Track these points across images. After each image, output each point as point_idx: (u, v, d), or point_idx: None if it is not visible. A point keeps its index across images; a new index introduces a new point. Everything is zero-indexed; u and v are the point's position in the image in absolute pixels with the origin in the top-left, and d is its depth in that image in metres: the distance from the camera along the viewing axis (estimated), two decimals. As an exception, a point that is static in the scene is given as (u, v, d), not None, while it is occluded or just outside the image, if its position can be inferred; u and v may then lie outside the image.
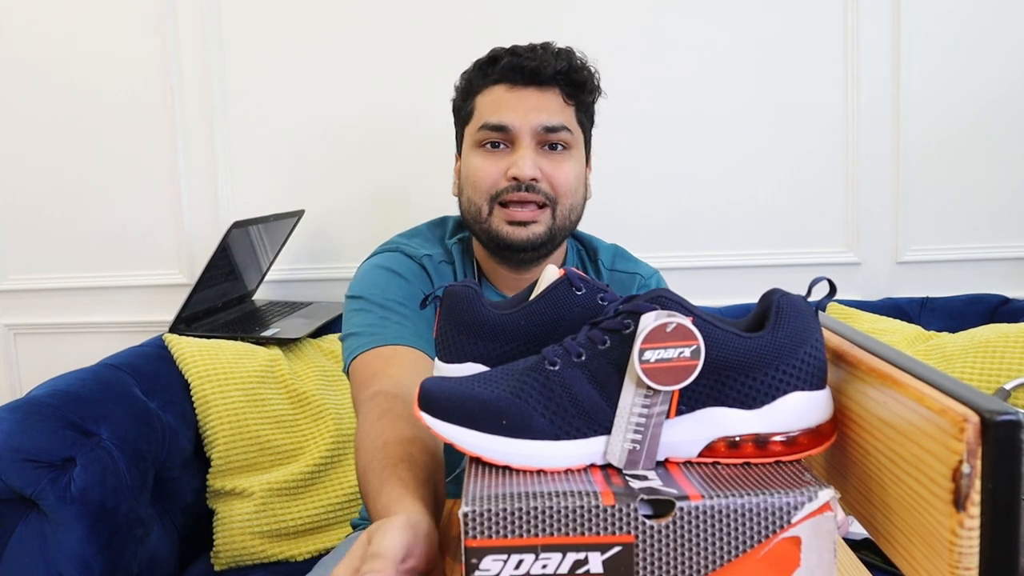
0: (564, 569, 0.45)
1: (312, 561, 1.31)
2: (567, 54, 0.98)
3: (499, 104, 0.96)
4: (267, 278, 1.85)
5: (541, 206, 0.96)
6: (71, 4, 1.81)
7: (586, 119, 1.03)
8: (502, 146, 0.97)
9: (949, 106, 1.72)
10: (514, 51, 0.97)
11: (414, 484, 0.59)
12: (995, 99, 1.72)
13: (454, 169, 1.07)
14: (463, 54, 1.08)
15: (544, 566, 0.45)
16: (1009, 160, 1.73)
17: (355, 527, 1.15)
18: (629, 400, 0.49)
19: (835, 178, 1.75)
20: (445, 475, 0.75)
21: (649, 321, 0.48)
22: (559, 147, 0.97)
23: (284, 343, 1.53)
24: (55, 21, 1.82)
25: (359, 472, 0.67)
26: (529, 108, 0.95)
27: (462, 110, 1.03)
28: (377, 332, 0.89)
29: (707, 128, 1.76)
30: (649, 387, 0.48)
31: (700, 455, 0.51)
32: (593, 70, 1.01)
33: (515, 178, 0.94)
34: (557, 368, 0.51)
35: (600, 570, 0.45)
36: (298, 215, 1.79)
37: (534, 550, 0.45)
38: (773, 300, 0.51)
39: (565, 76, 0.97)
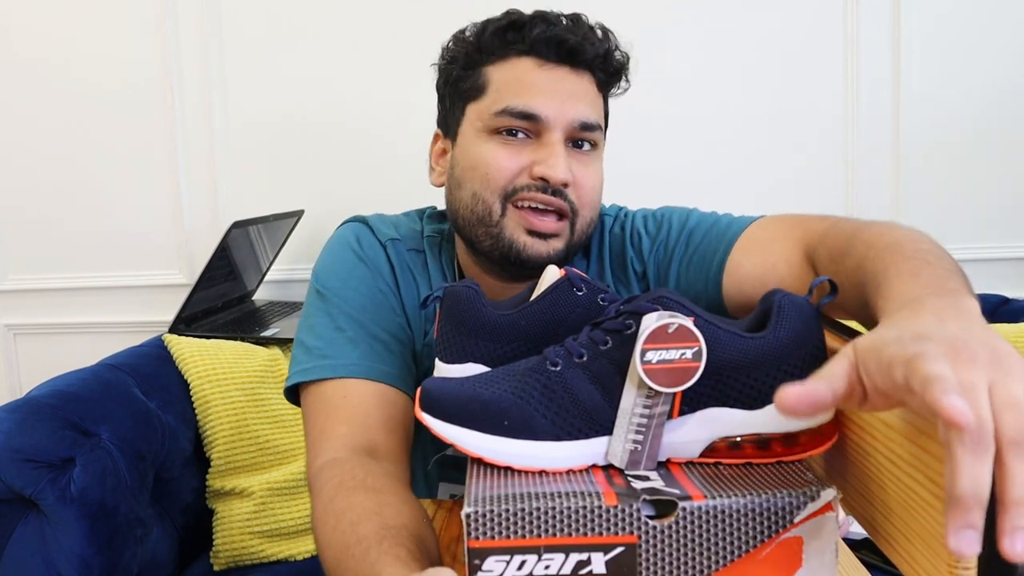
0: (567, 570, 0.45)
1: (312, 561, 1.31)
2: (606, 33, 0.81)
3: (527, 85, 0.77)
4: (267, 278, 1.84)
5: (560, 217, 0.78)
6: (71, 4, 1.81)
7: (606, 115, 0.87)
8: (521, 135, 0.77)
9: (949, 106, 1.72)
10: (546, 18, 0.78)
11: (409, 559, 0.54)
12: (995, 99, 1.72)
13: (431, 152, 0.88)
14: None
15: (547, 567, 0.45)
16: (1009, 160, 1.73)
17: None
18: (631, 401, 0.49)
19: (835, 178, 1.75)
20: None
21: (651, 322, 0.48)
22: (586, 145, 0.80)
23: (284, 343, 1.53)
24: (55, 21, 1.82)
25: (330, 562, 0.60)
26: (565, 95, 0.77)
27: (463, 81, 0.81)
28: (327, 353, 0.77)
29: (707, 128, 1.76)
30: (651, 388, 0.48)
31: (701, 455, 0.51)
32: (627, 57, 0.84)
33: (543, 178, 0.76)
34: (558, 369, 0.51)
35: (603, 570, 0.45)
36: (298, 215, 1.79)
37: (537, 551, 0.45)
38: (774, 300, 0.51)
39: (604, 60, 0.80)
